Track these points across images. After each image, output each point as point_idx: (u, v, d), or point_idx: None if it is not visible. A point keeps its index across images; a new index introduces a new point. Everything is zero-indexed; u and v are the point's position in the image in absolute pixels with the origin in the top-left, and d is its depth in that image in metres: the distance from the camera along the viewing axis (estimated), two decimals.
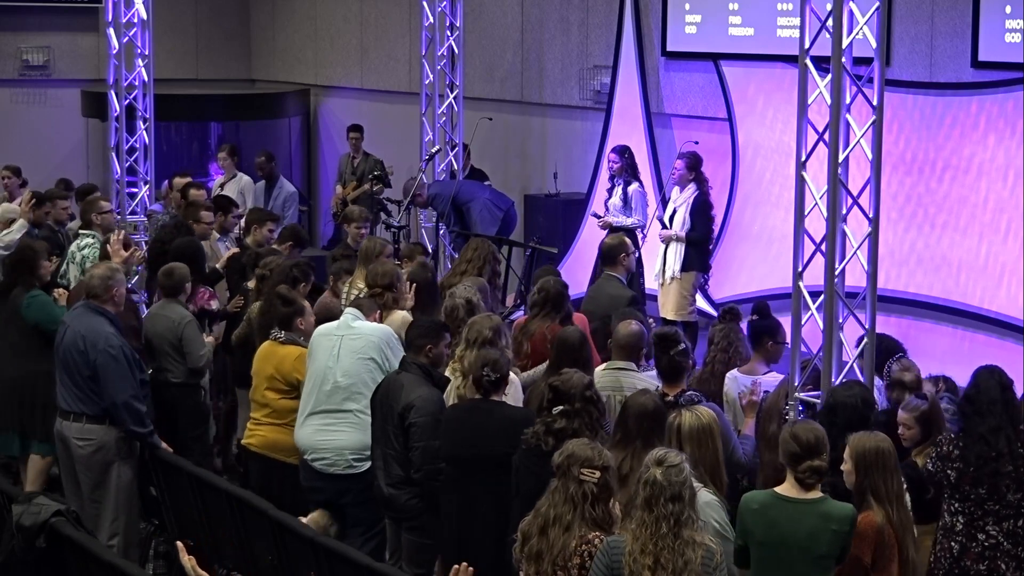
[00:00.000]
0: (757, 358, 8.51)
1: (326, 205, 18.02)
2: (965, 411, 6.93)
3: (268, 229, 11.44)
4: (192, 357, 9.30)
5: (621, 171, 13.09)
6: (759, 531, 6.02)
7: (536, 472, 6.66)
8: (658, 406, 6.84)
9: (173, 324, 9.29)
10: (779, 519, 6.04)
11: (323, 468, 8.19)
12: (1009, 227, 11.35)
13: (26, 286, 9.63)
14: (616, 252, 10.04)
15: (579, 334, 7.99)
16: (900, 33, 12.12)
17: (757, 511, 6.06)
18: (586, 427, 6.71)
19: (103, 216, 11.22)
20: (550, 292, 8.92)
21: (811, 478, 6.06)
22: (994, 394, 6.88)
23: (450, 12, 14.87)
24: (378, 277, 9.13)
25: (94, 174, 18.31)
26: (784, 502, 6.07)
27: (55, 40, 19.27)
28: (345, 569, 6.78)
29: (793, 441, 6.10)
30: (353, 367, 8.18)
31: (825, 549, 5.99)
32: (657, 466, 5.62)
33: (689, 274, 12.49)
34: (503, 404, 7.39)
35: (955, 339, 11.75)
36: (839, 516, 6.02)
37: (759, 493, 6.23)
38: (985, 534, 6.82)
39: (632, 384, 7.79)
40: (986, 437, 6.80)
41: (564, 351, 7.86)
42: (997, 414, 6.84)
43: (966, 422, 6.89)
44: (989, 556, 6.81)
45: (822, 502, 6.06)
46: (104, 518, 8.50)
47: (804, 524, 6.01)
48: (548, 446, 6.65)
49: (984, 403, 6.86)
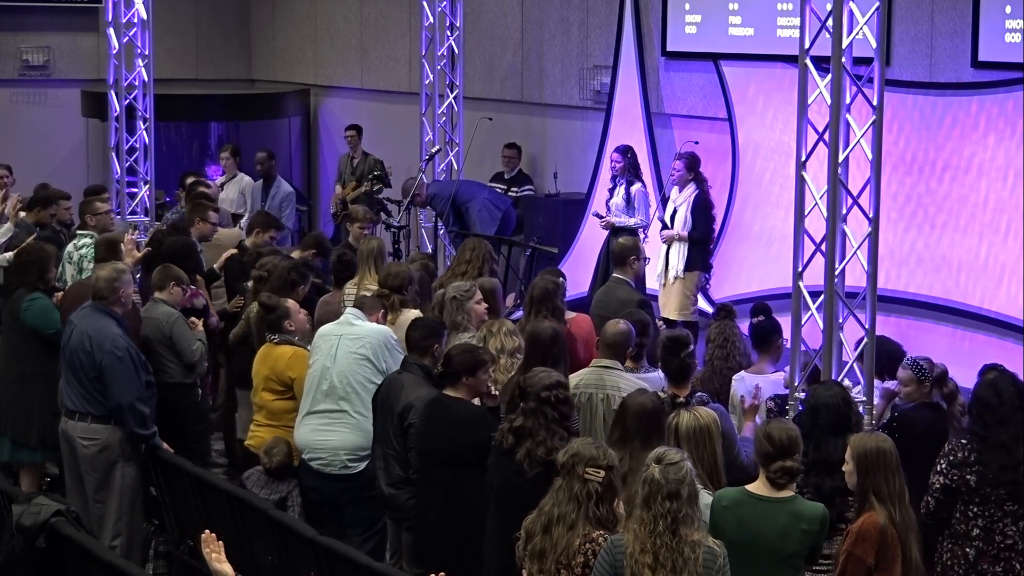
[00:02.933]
0: (765, 358, 8.49)
1: (326, 205, 18.02)
2: (987, 420, 6.92)
3: (270, 236, 11.40)
4: (185, 353, 9.26)
5: (624, 171, 13.09)
6: (729, 529, 6.01)
7: (500, 470, 6.78)
8: (657, 406, 6.84)
9: (161, 323, 9.26)
10: (749, 517, 6.05)
11: (320, 468, 8.24)
12: (1009, 227, 11.34)
13: (30, 288, 9.60)
14: (627, 254, 9.97)
15: (551, 331, 7.89)
16: (900, 33, 12.11)
17: (728, 508, 6.07)
18: (541, 426, 6.72)
19: (97, 217, 11.17)
20: (533, 293, 8.90)
21: (782, 478, 6.08)
22: (1016, 402, 6.91)
23: (450, 12, 14.88)
24: (390, 278, 9.14)
25: (94, 174, 18.31)
26: (755, 500, 6.09)
27: (55, 40, 19.26)
28: (345, 569, 6.78)
29: (766, 441, 6.12)
30: (349, 368, 8.20)
31: (795, 548, 6.01)
32: (656, 464, 5.63)
33: (692, 274, 12.49)
34: (458, 401, 7.39)
35: (955, 339, 11.74)
36: (809, 516, 6.04)
37: (730, 491, 6.23)
38: (1003, 535, 6.85)
39: (615, 383, 7.77)
40: (1007, 445, 6.83)
41: (534, 347, 7.82)
42: (1019, 422, 6.88)
43: (987, 431, 6.89)
44: (1005, 557, 6.84)
45: (793, 501, 6.08)
46: (108, 518, 8.50)
47: (774, 523, 6.03)
48: (508, 443, 6.75)
49: (1007, 412, 6.89)
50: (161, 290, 9.38)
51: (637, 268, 10.08)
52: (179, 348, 9.24)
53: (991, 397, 6.94)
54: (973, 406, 7.04)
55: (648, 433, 6.66)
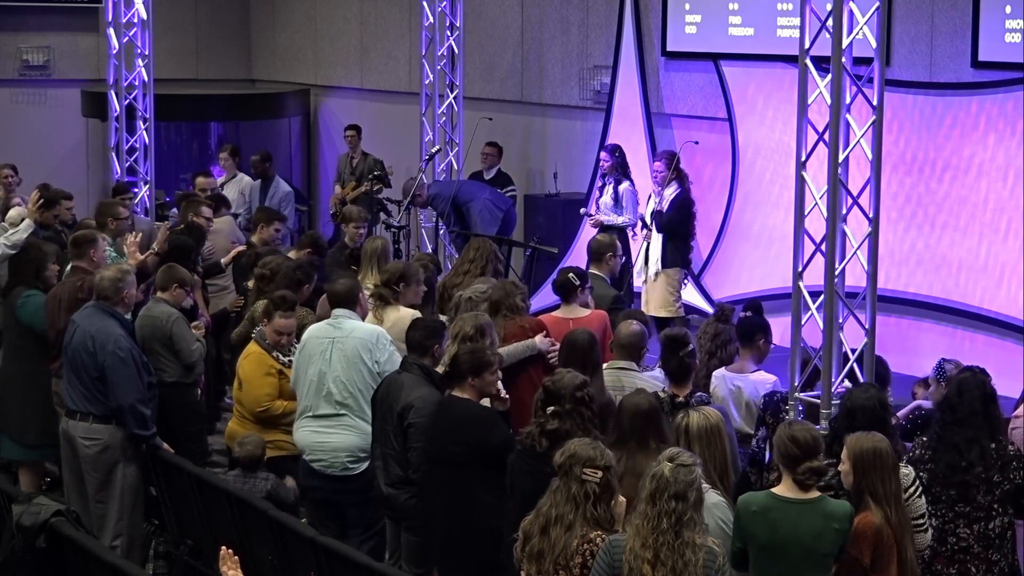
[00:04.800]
0: (746, 356, 8.46)
1: (325, 205, 18.02)
2: (945, 418, 6.93)
3: (275, 229, 11.44)
4: (184, 354, 9.25)
5: (612, 170, 13.11)
6: (761, 534, 6.01)
7: (532, 473, 6.68)
8: (653, 406, 6.83)
9: (160, 323, 9.25)
10: (780, 520, 6.03)
11: (320, 469, 8.24)
12: (1009, 227, 11.35)
13: (27, 286, 9.61)
14: (604, 251, 9.99)
15: (587, 336, 7.87)
16: (900, 33, 12.12)
17: (757, 513, 6.05)
18: (578, 427, 6.67)
19: (118, 222, 11.15)
20: (491, 298, 8.81)
21: (811, 479, 6.06)
22: (976, 406, 6.86)
23: (450, 12, 14.88)
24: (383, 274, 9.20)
25: (94, 174, 18.33)
26: (785, 503, 6.06)
27: (55, 40, 19.27)
28: (345, 569, 6.78)
29: (792, 443, 6.09)
30: (345, 372, 8.21)
31: (828, 548, 6.00)
32: (668, 462, 5.63)
33: (673, 270, 12.48)
34: (465, 402, 7.37)
35: (955, 339, 11.75)
36: (840, 514, 6.03)
37: (757, 495, 6.22)
38: (956, 537, 6.83)
39: (633, 384, 7.76)
40: (960, 447, 6.81)
41: (572, 353, 7.76)
42: (976, 425, 6.83)
43: (944, 429, 6.89)
44: (959, 559, 6.83)
45: (821, 501, 6.07)
46: (109, 518, 8.50)
47: (807, 524, 6.01)
48: (542, 447, 6.67)
49: (965, 413, 6.86)
50: (164, 290, 9.38)
51: (613, 265, 10.09)
52: (178, 348, 9.23)
53: (953, 397, 6.94)
54: (940, 404, 7.06)
55: (644, 434, 6.64)
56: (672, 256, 12.48)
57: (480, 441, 7.16)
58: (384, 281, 9.12)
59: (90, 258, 9.56)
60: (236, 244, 11.64)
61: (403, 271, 9.16)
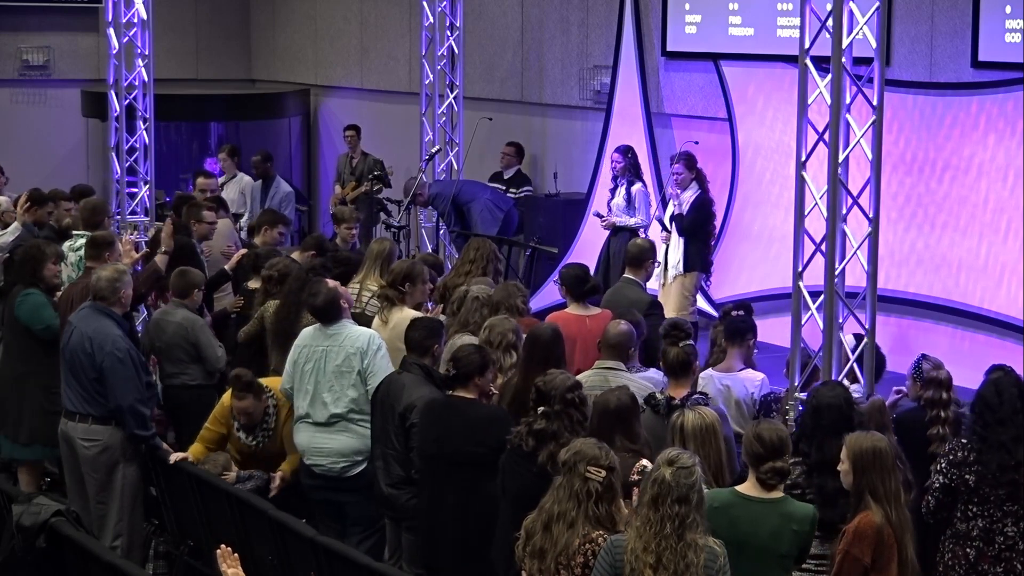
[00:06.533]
0: (734, 355, 8.43)
1: (325, 205, 18.02)
2: (987, 419, 6.92)
3: (279, 232, 11.42)
4: (211, 360, 9.35)
5: (625, 171, 13.08)
6: (722, 530, 5.98)
7: (519, 473, 6.69)
8: (622, 404, 6.79)
9: (183, 328, 9.32)
10: (741, 518, 6.05)
11: (321, 471, 8.24)
12: (1009, 227, 11.35)
13: (25, 285, 9.61)
14: (645, 256, 9.95)
15: (551, 331, 7.79)
16: (900, 33, 12.12)
17: (719, 509, 6.05)
18: (566, 429, 6.66)
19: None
20: (492, 299, 8.81)
21: (773, 479, 6.09)
22: (1017, 404, 6.90)
23: (450, 12, 14.88)
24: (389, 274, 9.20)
25: (94, 174, 18.32)
26: (747, 501, 6.09)
27: (55, 40, 19.27)
28: (345, 569, 6.78)
29: (757, 442, 6.11)
30: (339, 382, 8.19)
31: (786, 549, 6.02)
32: (668, 466, 5.59)
33: (691, 274, 12.45)
34: (473, 403, 7.36)
35: (955, 339, 11.75)
36: (800, 516, 6.06)
37: (721, 492, 6.23)
38: (1003, 536, 6.84)
39: (619, 384, 7.74)
40: (1007, 446, 6.83)
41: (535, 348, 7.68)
42: (1019, 424, 6.87)
43: (986, 430, 6.89)
44: (1006, 557, 6.83)
45: (783, 502, 6.09)
46: (109, 518, 8.50)
47: (766, 524, 6.03)
48: (528, 447, 6.68)
49: (1007, 412, 6.89)
50: (183, 296, 9.43)
51: (650, 270, 10.11)
52: (204, 355, 9.31)
53: (992, 397, 6.95)
54: (975, 405, 7.05)
55: (611, 431, 6.61)
56: (693, 259, 12.42)
57: (498, 440, 7.03)
58: (390, 282, 9.10)
59: (105, 260, 9.57)
60: (233, 247, 11.62)
61: (408, 271, 9.15)
